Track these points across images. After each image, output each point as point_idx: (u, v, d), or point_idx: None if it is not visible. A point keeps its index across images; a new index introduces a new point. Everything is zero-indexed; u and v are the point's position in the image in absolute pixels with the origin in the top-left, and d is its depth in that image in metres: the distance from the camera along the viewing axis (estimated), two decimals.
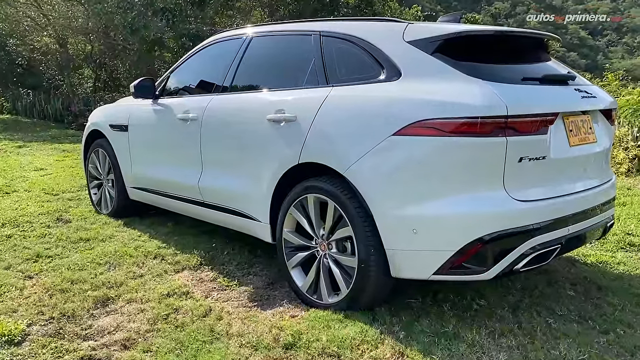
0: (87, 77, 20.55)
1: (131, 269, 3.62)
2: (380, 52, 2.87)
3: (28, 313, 2.93)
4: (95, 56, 18.55)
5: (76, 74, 20.05)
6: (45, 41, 18.74)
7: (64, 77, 18.78)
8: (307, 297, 3.08)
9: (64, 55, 18.17)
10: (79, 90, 19.53)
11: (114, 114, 4.80)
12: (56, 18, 16.83)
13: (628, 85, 13.81)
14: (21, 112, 17.92)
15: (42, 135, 13.13)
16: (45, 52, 19.13)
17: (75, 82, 19.72)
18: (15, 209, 5.15)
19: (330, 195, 2.86)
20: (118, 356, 2.52)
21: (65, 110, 16.93)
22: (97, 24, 15.83)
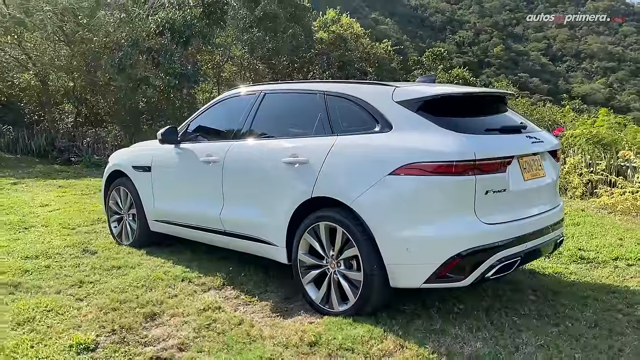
0: (68, 113, 20.94)
1: (165, 290, 4.27)
2: (374, 109, 3.65)
3: (92, 327, 3.55)
4: (76, 92, 19.03)
5: (57, 110, 20.45)
6: (25, 78, 19.13)
7: (44, 113, 19.21)
8: (320, 307, 3.78)
9: (45, 91, 18.57)
10: (60, 125, 19.93)
11: (136, 156, 5.48)
12: (38, 56, 17.34)
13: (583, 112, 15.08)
14: (3, 147, 18.13)
15: (31, 172, 13.51)
16: (24, 88, 19.54)
17: (57, 117, 20.12)
18: (42, 243, 5.72)
19: (338, 222, 3.60)
20: (179, 356, 3.17)
21: (49, 146, 17.27)
22: (81, 62, 16.44)
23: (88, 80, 17.45)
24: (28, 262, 4.96)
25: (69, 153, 16.84)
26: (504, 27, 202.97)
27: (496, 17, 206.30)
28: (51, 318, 3.68)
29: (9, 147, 17.94)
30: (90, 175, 12.89)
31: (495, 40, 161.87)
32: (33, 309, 3.79)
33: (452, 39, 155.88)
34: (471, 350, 3.15)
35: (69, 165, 15.36)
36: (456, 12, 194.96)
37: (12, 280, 4.41)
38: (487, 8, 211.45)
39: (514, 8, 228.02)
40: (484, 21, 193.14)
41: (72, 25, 15.00)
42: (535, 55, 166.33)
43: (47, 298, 4.04)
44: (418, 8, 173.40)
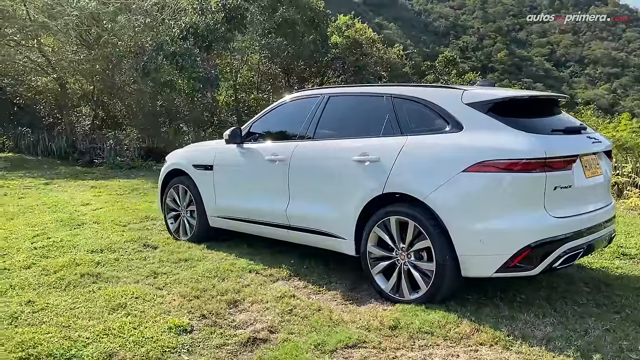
0: (85, 115, 21.22)
1: (237, 280, 4.53)
2: (444, 111, 3.92)
3: (181, 312, 3.81)
4: (95, 95, 19.31)
5: (74, 112, 20.74)
6: (43, 81, 19.44)
7: (62, 116, 19.51)
8: (390, 296, 4.04)
9: (63, 94, 18.85)
10: (78, 127, 20.24)
11: (197, 156, 5.76)
12: (58, 60, 17.65)
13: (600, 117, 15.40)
14: (24, 150, 18.39)
15: (58, 173, 13.78)
16: (40, 91, 19.86)
17: (74, 120, 20.43)
18: (102, 238, 5.99)
19: (410, 217, 3.86)
20: (274, 337, 3.43)
21: (70, 148, 17.56)
22: (103, 65, 16.75)
23: (108, 84, 17.76)
24: (96, 256, 5.22)
25: (90, 155, 17.15)
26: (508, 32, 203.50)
27: (500, 23, 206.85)
28: (140, 304, 3.94)
29: (29, 149, 18.20)
30: (117, 176, 13.17)
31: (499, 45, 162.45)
32: (121, 296, 4.06)
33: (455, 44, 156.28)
34: (543, 334, 3.41)
35: (91, 166, 15.62)
36: (460, 17, 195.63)
37: (91, 270, 4.67)
38: (490, 13, 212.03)
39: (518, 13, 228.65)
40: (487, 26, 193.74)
41: (97, 29, 15.32)
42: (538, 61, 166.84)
43: (130, 287, 4.30)
44: (422, 13, 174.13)
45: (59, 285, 4.35)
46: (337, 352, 3.24)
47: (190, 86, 14.39)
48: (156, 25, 15.07)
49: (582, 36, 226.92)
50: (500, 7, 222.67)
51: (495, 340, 3.34)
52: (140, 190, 10.40)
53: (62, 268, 4.76)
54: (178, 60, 14.43)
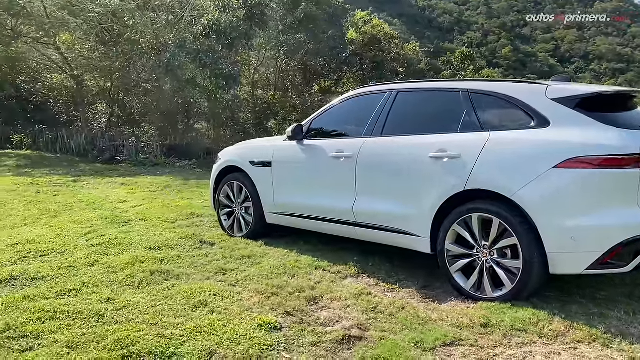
0: (102, 113, 21.22)
1: (307, 277, 4.51)
2: (528, 107, 3.88)
3: (263, 310, 3.79)
4: (112, 93, 19.29)
5: (90, 110, 20.75)
6: (59, 78, 19.44)
7: (78, 113, 19.52)
8: (471, 294, 4.01)
9: (79, 91, 18.84)
10: (94, 125, 20.26)
11: (254, 152, 5.74)
12: (75, 57, 17.63)
13: None
14: (42, 147, 18.39)
15: (81, 170, 13.78)
16: (56, 89, 19.88)
17: (90, 117, 20.44)
18: (154, 235, 5.97)
19: (495, 214, 3.83)
20: (368, 334, 3.40)
21: (89, 145, 17.55)
22: (124, 63, 16.73)
23: (127, 81, 17.73)
24: (156, 253, 5.20)
25: (110, 152, 17.15)
26: (512, 28, 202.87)
27: (504, 18, 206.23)
28: (220, 301, 3.92)
29: (47, 147, 18.22)
30: (142, 173, 13.16)
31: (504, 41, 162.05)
32: (199, 294, 4.04)
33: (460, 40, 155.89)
34: (639, 331, 3.38)
35: (112, 164, 15.62)
36: (464, 13, 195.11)
37: (158, 268, 4.65)
38: (494, 9, 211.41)
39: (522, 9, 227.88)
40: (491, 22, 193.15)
41: (119, 27, 15.29)
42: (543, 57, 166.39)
43: (204, 284, 4.27)
44: (426, 9, 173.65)
45: (131, 283, 4.33)
46: (437, 350, 3.21)
47: (213, 84, 14.33)
48: (178, 22, 15.02)
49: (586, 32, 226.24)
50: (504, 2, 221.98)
51: (593, 338, 3.31)
52: (172, 188, 10.39)
53: (127, 265, 4.74)
54: (201, 57, 14.38)
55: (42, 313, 3.65)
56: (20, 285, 4.30)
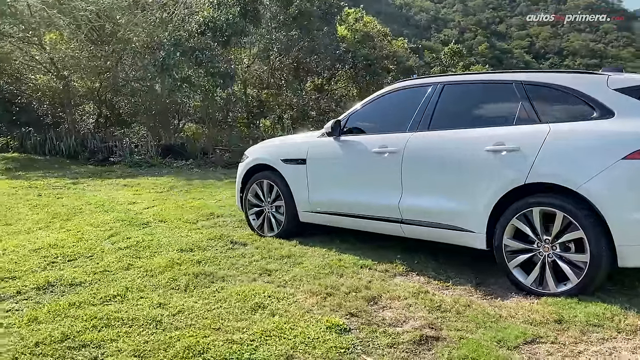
0: (89, 113, 20.75)
1: (356, 276, 4.38)
2: (590, 98, 3.81)
3: (324, 311, 3.65)
4: (100, 93, 18.85)
5: (76, 111, 20.27)
6: (45, 79, 18.93)
7: (65, 114, 19.05)
8: (532, 289, 3.93)
9: (66, 92, 18.37)
10: (82, 126, 19.80)
11: (286, 150, 5.59)
12: (63, 57, 17.16)
13: None
14: (30, 149, 17.92)
15: (77, 172, 13.48)
16: (38, 89, 19.35)
17: (77, 118, 19.96)
18: (181, 237, 5.79)
19: (559, 207, 3.74)
20: (444, 334, 3.29)
21: (79, 147, 17.15)
22: (114, 62, 16.36)
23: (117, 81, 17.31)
24: (188, 255, 5.03)
25: (102, 154, 16.79)
26: (488, 25, 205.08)
27: (480, 16, 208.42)
28: (277, 303, 3.78)
29: (36, 149, 17.73)
30: (141, 174, 12.88)
31: (480, 38, 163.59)
32: (253, 295, 3.89)
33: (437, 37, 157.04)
34: None
35: (104, 165, 15.26)
36: (440, 10, 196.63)
37: (199, 270, 4.49)
38: (470, 6, 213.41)
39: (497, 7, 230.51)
40: (467, 20, 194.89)
41: (111, 25, 14.95)
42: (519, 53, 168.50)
43: (252, 286, 4.13)
44: (403, 7, 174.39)
45: (177, 287, 4.16)
46: (521, 348, 3.11)
47: (210, 82, 14.09)
48: (171, 20, 14.74)
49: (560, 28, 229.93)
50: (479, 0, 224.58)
51: None
52: (178, 188, 10.17)
53: (166, 269, 4.57)
54: (197, 55, 14.13)
55: (96, 320, 3.48)
56: (60, 292, 4.10)
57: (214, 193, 9.39)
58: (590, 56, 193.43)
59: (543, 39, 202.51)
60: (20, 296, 4.03)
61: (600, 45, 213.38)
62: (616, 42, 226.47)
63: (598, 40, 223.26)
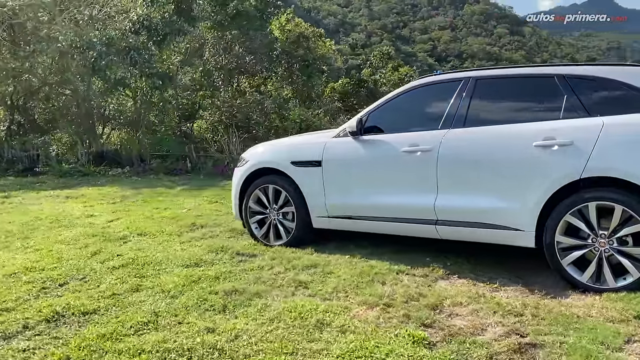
0: None
1: (400, 284, 4.11)
2: (638, 89, 3.79)
3: (393, 323, 3.37)
4: (13, 98, 17.29)
5: None
6: None
7: None
8: (588, 286, 3.85)
9: None
10: None
11: (296, 152, 5.21)
12: None
13: None
14: None
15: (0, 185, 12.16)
16: None
17: None
18: (177, 250, 5.26)
19: (617, 201, 3.69)
20: (540, 340, 3.09)
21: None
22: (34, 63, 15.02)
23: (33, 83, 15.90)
24: (198, 270, 4.55)
25: (22, 163, 15.36)
26: (393, 29, 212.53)
27: (385, 20, 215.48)
28: (338, 318, 3.44)
29: None
30: (79, 184, 11.93)
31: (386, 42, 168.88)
32: (307, 312, 3.52)
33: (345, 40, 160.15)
34: None
35: (28, 176, 13.92)
36: (347, 14, 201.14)
37: (226, 287, 4.04)
38: (375, 11, 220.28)
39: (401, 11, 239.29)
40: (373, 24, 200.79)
41: (33, 23, 13.69)
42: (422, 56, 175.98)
43: (297, 301, 3.75)
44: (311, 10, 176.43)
45: (212, 308, 3.70)
46: (625, 348, 2.99)
47: (148, 84, 13.25)
48: (103, 18, 13.75)
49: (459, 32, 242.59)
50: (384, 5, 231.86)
51: None
52: (131, 198, 9.42)
53: (185, 288, 4.09)
54: (133, 55, 13.25)
55: (146, 355, 2.99)
56: (76, 323, 3.53)
57: (175, 202, 8.76)
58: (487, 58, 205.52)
59: (444, 42, 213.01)
60: (29, 331, 3.41)
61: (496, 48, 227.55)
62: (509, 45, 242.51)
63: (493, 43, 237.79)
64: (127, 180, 12.67)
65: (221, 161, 14.10)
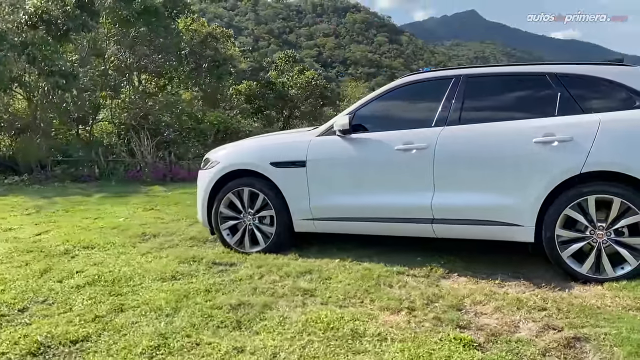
0: None
1: (408, 285, 4.00)
2: (629, 88, 3.99)
3: (427, 327, 3.24)
4: None
5: None
6: None
7: None
8: (588, 276, 3.97)
9: None
10: None
11: (276, 151, 4.89)
12: None
13: None
14: None
15: None
16: None
17: None
18: (142, 264, 4.77)
19: (615, 194, 3.84)
20: (582, 334, 3.10)
21: None
22: None
23: None
24: (181, 284, 4.15)
25: None
26: (279, 34, 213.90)
27: (271, 25, 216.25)
28: (370, 327, 3.25)
29: None
30: None
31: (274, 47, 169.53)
32: (334, 323, 3.30)
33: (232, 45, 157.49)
34: None
35: None
36: (234, 18, 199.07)
37: (225, 302, 3.69)
38: (262, 16, 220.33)
39: (286, 17, 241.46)
40: (260, 28, 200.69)
41: None
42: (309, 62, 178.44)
43: (315, 311, 3.51)
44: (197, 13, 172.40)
45: (222, 324, 3.35)
46: None
47: (51, 82, 12.06)
48: None
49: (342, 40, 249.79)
50: (270, 10, 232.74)
51: None
52: (48, 208, 8.50)
53: (178, 304, 3.70)
54: (31, 52, 12.01)
55: None
56: (70, 355, 3.03)
57: (104, 211, 8.00)
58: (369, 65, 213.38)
59: (329, 48, 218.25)
60: None
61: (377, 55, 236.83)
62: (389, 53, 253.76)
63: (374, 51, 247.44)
64: (30, 189, 11.42)
65: (133, 166, 13.19)
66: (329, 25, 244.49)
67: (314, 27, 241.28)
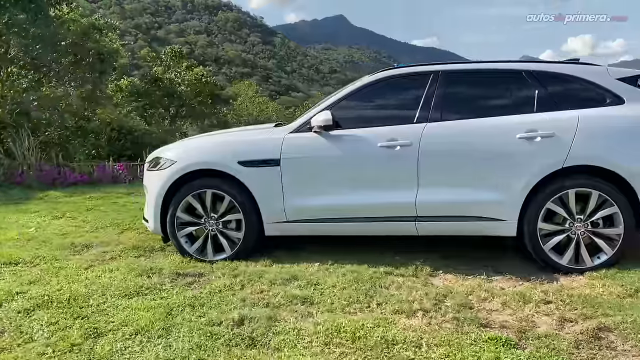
0: None
1: (404, 285, 3.86)
2: (599, 86, 4.20)
3: (452, 329, 3.14)
4: None
5: None
6: None
7: None
8: (569, 267, 4.11)
9: None
10: None
11: (245, 148, 4.48)
12: None
13: None
14: None
15: None
16: None
17: None
18: (93, 280, 4.16)
19: (595, 187, 4.02)
20: (605, 324, 3.15)
21: None
22: None
23: None
24: (153, 300, 3.68)
25: None
26: (148, 30, 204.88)
27: (138, 20, 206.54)
28: (394, 332, 3.07)
29: None
30: None
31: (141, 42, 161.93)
32: (358, 330, 3.08)
33: None
34: None
35: None
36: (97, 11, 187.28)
37: (216, 317, 3.32)
38: (127, 10, 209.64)
39: (155, 12, 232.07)
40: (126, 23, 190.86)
41: None
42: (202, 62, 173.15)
43: (333, 320, 3.25)
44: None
45: (233, 343, 2.99)
46: None
47: None
48: None
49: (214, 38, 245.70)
50: (136, 4, 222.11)
51: None
52: None
53: (165, 324, 3.27)
54: None
55: None
56: None
57: (1, 220, 6.93)
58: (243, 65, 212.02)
59: (201, 46, 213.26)
60: None
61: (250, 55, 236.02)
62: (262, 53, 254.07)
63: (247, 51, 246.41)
64: None
65: (14, 168, 11.71)
66: (200, 23, 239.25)
67: (184, 23, 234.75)
